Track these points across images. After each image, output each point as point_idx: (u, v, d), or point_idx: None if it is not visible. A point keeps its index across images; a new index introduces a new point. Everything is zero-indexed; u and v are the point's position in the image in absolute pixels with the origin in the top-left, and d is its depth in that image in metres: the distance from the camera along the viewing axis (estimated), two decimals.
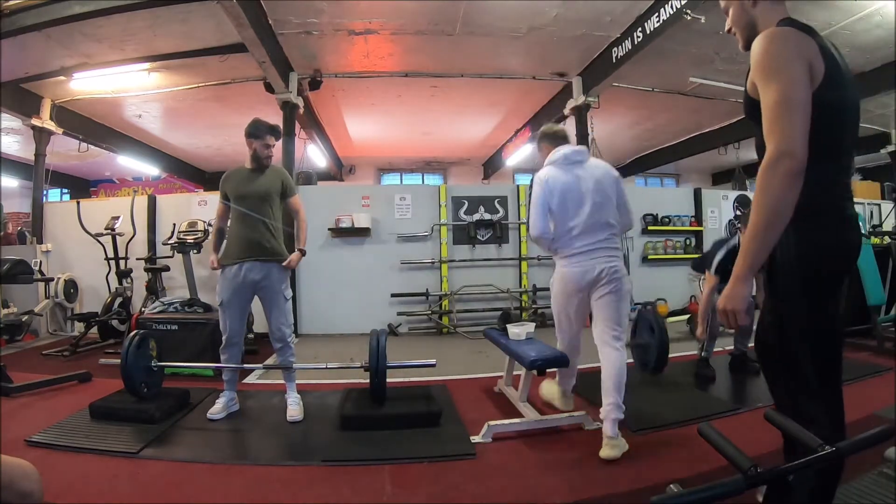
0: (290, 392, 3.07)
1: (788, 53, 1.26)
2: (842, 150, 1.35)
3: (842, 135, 1.34)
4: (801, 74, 1.24)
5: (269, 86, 6.14)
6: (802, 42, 1.28)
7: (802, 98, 1.23)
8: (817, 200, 1.30)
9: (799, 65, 1.25)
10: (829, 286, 1.36)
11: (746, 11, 1.45)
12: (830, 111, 1.28)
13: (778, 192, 1.21)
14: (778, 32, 1.30)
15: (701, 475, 2.03)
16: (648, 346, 3.46)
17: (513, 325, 3.19)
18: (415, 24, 5.36)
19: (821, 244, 1.33)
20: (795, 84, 1.23)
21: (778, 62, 1.26)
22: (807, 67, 1.25)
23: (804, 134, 1.21)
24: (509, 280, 6.30)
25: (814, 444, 1.06)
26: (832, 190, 1.35)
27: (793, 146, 1.20)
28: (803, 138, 1.21)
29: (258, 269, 2.93)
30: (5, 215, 8.06)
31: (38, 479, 1.20)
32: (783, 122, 1.22)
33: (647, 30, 4.92)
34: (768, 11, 1.41)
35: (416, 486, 2.14)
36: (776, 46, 1.28)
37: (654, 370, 3.40)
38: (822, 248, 1.33)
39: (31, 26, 4.52)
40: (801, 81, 1.24)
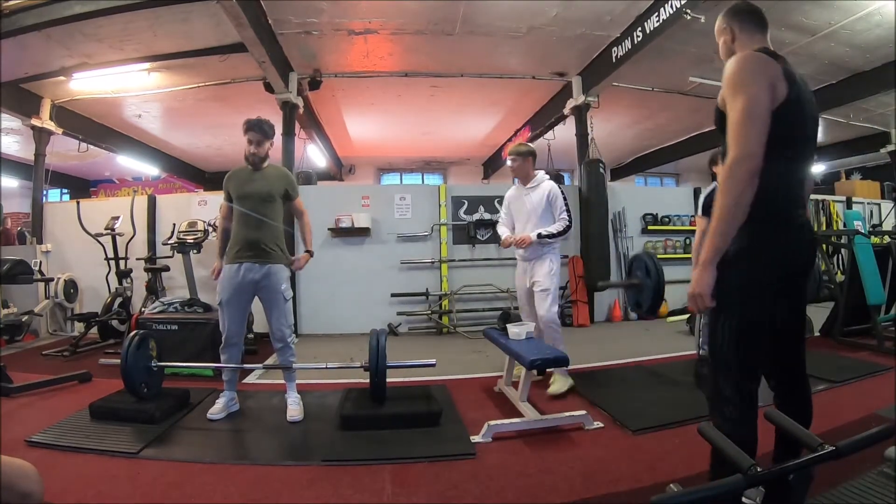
0: (290, 392, 3.07)
1: (753, 73, 1.44)
2: (798, 163, 1.52)
3: (798, 149, 1.51)
4: (763, 91, 1.41)
5: (268, 86, 6.14)
6: (767, 65, 1.46)
7: (762, 112, 1.40)
8: (766, 207, 1.44)
9: (762, 83, 1.42)
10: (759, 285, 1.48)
11: (728, 47, 1.68)
12: (789, 127, 1.45)
13: (739, 189, 1.38)
14: (747, 55, 1.49)
15: (701, 475, 2.02)
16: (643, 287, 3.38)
17: (513, 324, 3.20)
18: (415, 24, 5.36)
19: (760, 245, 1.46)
20: (758, 99, 1.41)
21: (744, 80, 1.44)
22: (769, 86, 1.42)
23: (762, 142, 1.39)
24: (509, 280, 6.25)
25: (813, 443, 1.06)
26: (782, 199, 1.50)
27: (752, 150, 1.38)
28: (761, 145, 1.38)
29: (258, 270, 2.92)
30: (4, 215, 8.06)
31: (39, 480, 1.21)
32: (745, 131, 1.39)
33: (647, 29, 4.92)
34: (745, 45, 1.61)
35: (416, 485, 2.14)
36: (743, 67, 1.46)
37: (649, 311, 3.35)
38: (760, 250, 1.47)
39: (31, 26, 4.52)
40: (763, 98, 1.41)
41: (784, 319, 1.57)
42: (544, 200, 3.47)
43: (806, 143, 1.54)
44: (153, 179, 12.33)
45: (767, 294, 1.50)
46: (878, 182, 10.31)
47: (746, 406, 1.49)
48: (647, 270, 3.33)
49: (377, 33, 5.53)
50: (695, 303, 1.50)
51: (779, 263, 1.49)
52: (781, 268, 1.50)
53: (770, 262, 1.48)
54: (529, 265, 3.54)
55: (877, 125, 8.40)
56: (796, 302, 1.60)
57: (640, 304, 3.39)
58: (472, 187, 7.14)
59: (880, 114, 7.81)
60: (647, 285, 3.33)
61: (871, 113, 7.77)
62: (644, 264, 3.37)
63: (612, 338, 5.42)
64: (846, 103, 6.83)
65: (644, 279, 3.36)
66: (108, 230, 5.48)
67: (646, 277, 3.34)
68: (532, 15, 5.17)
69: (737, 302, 1.48)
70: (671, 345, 4.81)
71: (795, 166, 1.51)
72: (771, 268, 1.48)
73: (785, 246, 1.49)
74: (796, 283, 1.58)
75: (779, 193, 1.48)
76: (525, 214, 3.52)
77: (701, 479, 1.91)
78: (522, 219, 3.54)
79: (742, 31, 1.64)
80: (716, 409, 1.54)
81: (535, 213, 3.48)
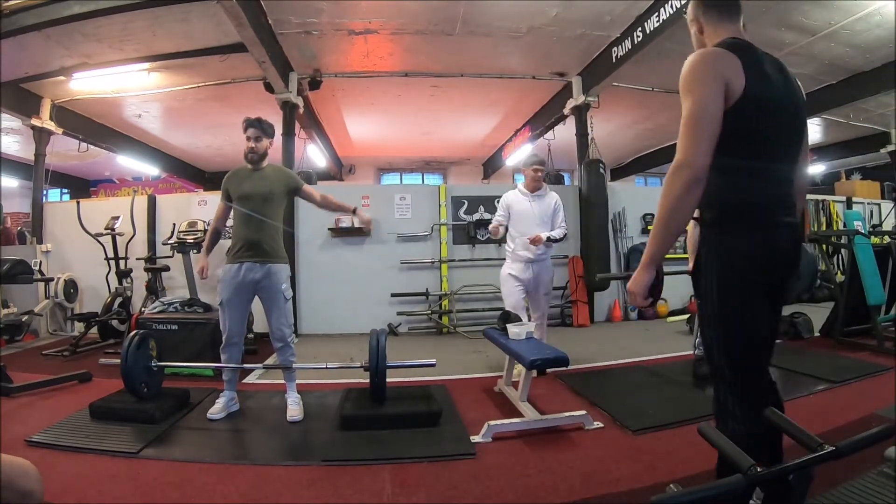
0: (290, 392, 3.07)
1: (703, 73, 1.37)
2: (768, 159, 1.42)
3: (766, 144, 1.41)
4: (711, 92, 1.34)
5: (268, 86, 6.14)
6: (721, 61, 1.37)
7: (709, 114, 1.33)
8: (739, 205, 1.41)
9: (711, 83, 1.34)
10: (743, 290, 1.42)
11: (698, 39, 1.61)
12: (748, 122, 1.37)
13: (675, 196, 1.34)
14: (699, 55, 1.41)
15: (701, 475, 2.02)
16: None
17: (512, 324, 3.20)
18: (415, 24, 5.36)
19: (736, 249, 1.41)
20: (704, 103, 1.34)
21: (693, 81, 1.37)
22: (721, 85, 1.34)
23: (707, 148, 1.33)
24: None
25: (813, 443, 1.06)
26: (756, 196, 1.42)
27: (692, 158, 1.32)
28: (704, 151, 1.32)
29: (259, 269, 2.93)
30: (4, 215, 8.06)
31: (39, 479, 1.21)
32: (688, 136, 1.34)
33: (647, 29, 4.92)
34: (712, 36, 1.54)
35: (416, 485, 2.14)
36: (695, 67, 1.39)
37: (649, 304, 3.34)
38: (736, 253, 1.41)
39: (31, 26, 4.52)
40: (711, 100, 1.34)
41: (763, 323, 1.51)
42: (552, 209, 3.83)
43: (779, 138, 1.44)
44: (153, 179, 12.33)
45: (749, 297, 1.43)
46: (878, 182, 10.31)
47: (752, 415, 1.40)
48: None
49: (377, 33, 5.53)
50: (631, 300, 1.52)
51: (757, 265, 1.41)
52: (760, 269, 1.42)
53: (747, 264, 1.41)
54: (535, 266, 3.77)
55: (877, 125, 8.40)
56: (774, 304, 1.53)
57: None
58: (472, 187, 7.14)
59: (880, 114, 7.81)
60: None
61: (871, 113, 7.77)
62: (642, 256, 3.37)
63: (612, 338, 5.42)
64: (846, 103, 6.82)
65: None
66: (108, 230, 5.48)
67: None
68: (532, 15, 5.17)
69: (719, 309, 1.45)
70: (671, 345, 4.82)
71: (769, 164, 1.42)
72: (749, 270, 1.41)
73: (762, 248, 1.41)
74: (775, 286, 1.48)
75: (753, 193, 1.41)
76: (534, 219, 3.78)
77: (701, 479, 1.91)
78: (530, 223, 3.77)
79: (708, 21, 1.56)
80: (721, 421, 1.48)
81: (544, 218, 3.81)
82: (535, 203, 3.81)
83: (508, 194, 3.92)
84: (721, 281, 1.43)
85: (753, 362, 1.47)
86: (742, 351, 1.44)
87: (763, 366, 1.51)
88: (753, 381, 1.47)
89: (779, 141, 1.44)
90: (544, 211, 3.81)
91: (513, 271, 3.79)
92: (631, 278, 1.50)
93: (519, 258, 3.79)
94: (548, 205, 3.83)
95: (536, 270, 3.78)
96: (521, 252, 3.77)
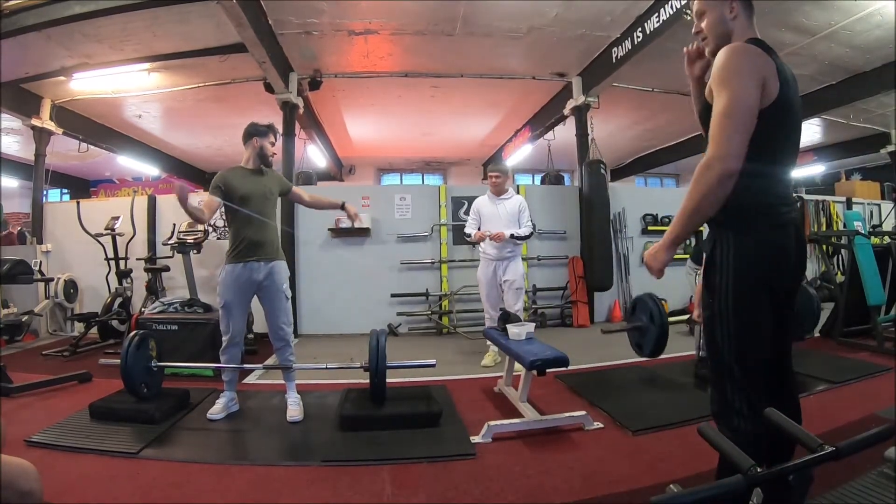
0: (289, 392, 3.07)
1: (745, 67, 1.35)
2: (784, 163, 1.46)
3: (785, 149, 1.46)
4: (751, 88, 1.33)
5: (268, 86, 6.14)
6: (761, 59, 1.37)
7: (747, 109, 1.32)
8: (759, 207, 1.43)
9: (752, 79, 1.34)
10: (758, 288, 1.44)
11: (724, 23, 1.53)
12: (777, 127, 1.39)
13: (708, 189, 1.33)
14: (741, 47, 1.39)
15: (701, 475, 2.02)
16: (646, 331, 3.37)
17: (513, 325, 3.20)
18: (415, 25, 5.36)
19: (753, 246, 1.43)
20: (744, 96, 1.32)
21: (733, 73, 1.35)
22: (760, 83, 1.34)
23: (742, 142, 1.31)
24: None
25: (813, 444, 1.06)
26: (773, 198, 1.45)
27: (728, 152, 1.31)
28: (739, 146, 1.31)
29: (263, 268, 2.94)
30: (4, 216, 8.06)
31: (38, 479, 1.20)
32: (725, 130, 1.32)
33: (647, 30, 4.92)
34: (743, 28, 1.50)
35: (416, 486, 2.14)
36: (736, 59, 1.36)
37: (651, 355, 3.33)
38: (753, 253, 1.43)
39: (31, 26, 4.51)
40: (750, 94, 1.33)
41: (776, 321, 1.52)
42: (517, 210, 4.18)
43: (794, 144, 1.49)
44: (153, 179, 12.31)
45: (762, 297, 1.45)
46: (878, 183, 10.31)
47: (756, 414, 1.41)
48: (651, 315, 3.32)
49: (377, 34, 5.52)
50: (648, 269, 1.54)
51: (772, 265, 1.45)
52: (775, 269, 1.45)
53: (764, 265, 1.43)
54: (501, 264, 4.19)
55: (877, 126, 8.39)
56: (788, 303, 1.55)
57: (642, 346, 3.39)
58: (473, 188, 7.12)
59: (880, 114, 7.80)
60: (650, 329, 3.32)
61: (872, 114, 7.76)
62: (647, 308, 3.35)
63: (612, 338, 5.39)
64: (846, 104, 6.82)
65: (648, 324, 3.34)
66: (108, 230, 5.48)
67: (649, 322, 3.33)
68: (532, 15, 5.17)
69: (732, 308, 1.44)
70: (671, 345, 4.75)
71: (782, 167, 1.47)
72: (765, 270, 1.44)
73: (777, 247, 1.44)
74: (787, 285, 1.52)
75: (768, 193, 1.44)
76: (500, 220, 4.15)
77: (701, 480, 1.91)
78: (498, 224, 4.13)
79: (746, 13, 1.51)
80: (723, 420, 1.49)
81: (510, 219, 4.16)
82: (500, 206, 4.20)
83: (477, 200, 4.34)
84: (737, 279, 1.44)
85: (765, 360, 1.48)
86: (756, 349, 1.45)
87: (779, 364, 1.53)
88: (764, 379, 1.48)
89: (794, 144, 1.49)
90: (510, 212, 4.16)
91: (484, 270, 4.24)
92: (649, 252, 1.52)
93: (488, 256, 4.23)
94: (513, 206, 4.18)
95: (504, 267, 4.17)
96: (490, 250, 4.19)
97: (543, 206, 6.47)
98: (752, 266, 1.43)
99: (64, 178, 11.39)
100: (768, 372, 1.49)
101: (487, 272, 4.23)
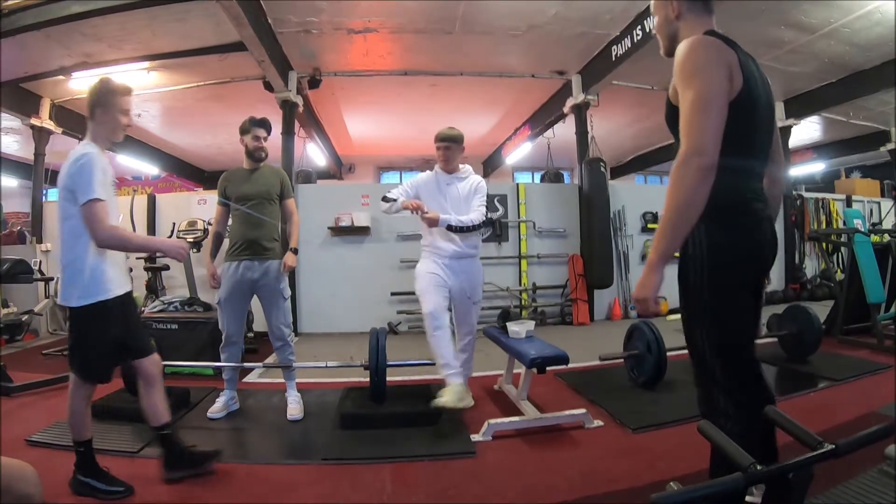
0: (289, 391, 3.08)
1: (709, 59, 1.32)
2: (754, 156, 1.44)
3: (754, 141, 1.42)
4: (719, 78, 1.30)
5: (268, 84, 6.13)
6: (723, 50, 1.34)
7: (718, 100, 1.29)
8: (729, 201, 1.38)
9: (718, 70, 1.31)
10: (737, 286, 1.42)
11: (669, 24, 1.53)
12: (745, 118, 1.35)
13: (689, 188, 1.27)
14: (701, 39, 1.36)
15: (700, 473, 2.02)
16: (643, 358, 3.37)
17: (512, 323, 3.19)
18: (414, 23, 5.35)
19: (727, 244, 1.39)
20: (713, 87, 1.29)
21: (698, 66, 1.32)
22: (727, 73, 1.31)
23: (717, 134, 1.27)
24: (509, 278, 6.30)
25: (813, 442, 1.06)
26: (744, 192, 1.43)
27: (704, 145, 1.26)
28: (715, 138, 1.27)
29: (257, 268, 2.93)
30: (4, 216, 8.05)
31: (38, 482, 1.20)
32: (698, 122, 1.28)
33: (647, 28, 4.91)
34: (692, 27, 1.47)
35: (416, 484, 2.14)
36: (698, 52, 1.34)
37: (647, 384, 3.31)
38: (727, 249, 1.39)
39: (30, 26, 4.50)
40: (719, 85, 1.30)
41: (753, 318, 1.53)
42: (470, 193, 3.02)
43: (763, 135, 1.45)
44: (153, 179, 12.30)
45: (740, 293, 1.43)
46: (877, 180, 10.30)
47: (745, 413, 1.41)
48: (648, 343, 3.31)
49: (377, 32, 5.51)
50: (641, 307, 1.40)
51: (747, 260, 1.43)
52: (750, 264, 1.44)
53: (739, 260, 1.41)
54: (457, 264, 2.98)
55: (877, 123, 8.39)
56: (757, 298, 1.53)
57: (639, 374, 3.38)
58: None
59: (880, 112, 7.79)
60: (647, 357, 3.32)
61: (871, 111, 7.75)
62: (644, 336, 3.35)
63: (612, 336, 5.40)
64: (846, 101, 6.81)
65: (644, 352, 3.34)
66: None
67: (646, 351, 3.33)
68: (531, 13, 5.15)
69: (711, 306, 1.41)
70: (671, 343, 4.77)
71: (753, 160, 1.43)
72: (740, 265, 1.41)
73: (751, 241, 1.42)
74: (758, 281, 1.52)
75: (739, 187, 1.40)
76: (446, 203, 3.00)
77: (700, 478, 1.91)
78: (448, 207, 2.98)
79: (691, 9, 1.48)
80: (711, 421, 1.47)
81: (460, 203, 3.00)
82: (451, 186, 3.04)
83: (421, 175, 3.18)
84: (713, 277, 1.40)
85: (746, 358, 1.46)
86: (736, 347, 1.43)
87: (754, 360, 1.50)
88: (747, 377, 1.46)
89: (762, 138, 1.46)
90: (463, 196, 3.01)
91: (429, 269, 2.97)
92: (638, 283, 1.41)
93: (439, 253, 2.97)
94: (466, 189, 3.03)
95: (461, 269, 2.98)
96: (443, 244, 2.96)
97: (543, 205, 6.47)
98: (729, 264, 1.40)
99: None
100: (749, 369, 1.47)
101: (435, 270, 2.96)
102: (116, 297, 2.09)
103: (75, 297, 1.99)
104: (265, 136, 3.06)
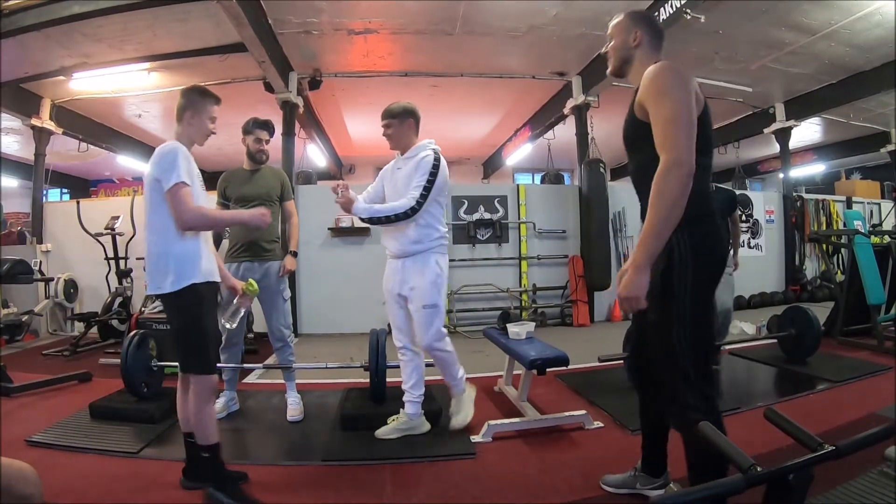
0: (289, 391, 3.07)
1: (682, 81, 1.47)
2: (711, 161, 1.59)
3: (710, 149, 1.58)
4: (689, 97, 1.45)
5: (268, 85, 6.14)
6: (689, 75, 1.51)
7: (691, 116, 1.44)
8: (703, 208, 1.52)
9: (689, 90, 1.46)
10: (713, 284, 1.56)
11: (626, 49, 1.71)
12: (705, 131, 1.51)
13: (673, 195, 1.39)
14: (672, 65, 1.52)
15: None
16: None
17: (513, 324, 3.19)
18: (414, 24, 5.35)
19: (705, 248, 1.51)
20: (685, 102, 1.44)
21: (671, 85, 1.46)
22: (693, 93, 1.47)
23: (691, 143, 1.41)
24: (509, 279, 6.30)
25: (813, 443, 1.06)
26: (709, 195, 1.58)
27: (685, 154, 1.39)
28: (691, 149, 1.40)
29: (257, 269, 2.93)
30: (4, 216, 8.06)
31: (38, 483, 1.19)
32: (675, 135, 1.41)
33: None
34: (646, 56, 1.65)
35: (416, 485, 2.14)
36: (670, 73, 1.48)
37: None
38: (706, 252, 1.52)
39: (30, 26, 4.51)
40: (690, 103, 1.45)
41: None
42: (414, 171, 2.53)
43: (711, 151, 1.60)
44: None
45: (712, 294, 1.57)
46: (878, 182, 10.31)
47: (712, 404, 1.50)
48: None
49: (377, 33, 5.52)
50: (629, 305, 1.46)
51: (720, 264, 1.57)
52: (720, 268, 1.58)
53: (713, 261, 1.54)
54: (400, 264, 2.63)
55: (877, 125, 8.39)
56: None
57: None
58: (472, 187, 7.14)
59: (880, 113, 7.79)
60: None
61: (871, 112, 7.75)
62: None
63: (612, 337, 5.40)
64: (846, 103, 6.82)
65: None
66: (108, 230, 5.47)
67: None
68: (532, 14, 5.16)
69: (692, 308, 1.48)
70: None
71: (709, 172, 1.58)
72: (714, 266, 1.54)
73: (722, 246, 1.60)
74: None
75: (706, 191, 1.55)
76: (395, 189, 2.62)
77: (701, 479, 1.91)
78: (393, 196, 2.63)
79: (651, 43, 1.67)
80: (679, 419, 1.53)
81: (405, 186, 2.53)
82: (400, 171, 2.65)
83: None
84: (696, 280, 1.49)
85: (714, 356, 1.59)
86: (710, 347, 1.58)
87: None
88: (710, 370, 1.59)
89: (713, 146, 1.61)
90: (405, 178, 2.57)
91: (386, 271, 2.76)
92: (622, 283, 1.47)
93: (387, 252, 2.71)
94: (411, 168, 2.57)
95: (403, 272, 2.62)
96: (388, 242, 2.67)
97: (543, 206, 6.48)
98: (709, 264, 1.52)
99: (64, 178, 11.38)
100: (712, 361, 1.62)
101: (388, 278, 2.75)
102: (210, 283, 2.05)
103: (168, 283, 1.93)
104: (267, 139, 3.06)
